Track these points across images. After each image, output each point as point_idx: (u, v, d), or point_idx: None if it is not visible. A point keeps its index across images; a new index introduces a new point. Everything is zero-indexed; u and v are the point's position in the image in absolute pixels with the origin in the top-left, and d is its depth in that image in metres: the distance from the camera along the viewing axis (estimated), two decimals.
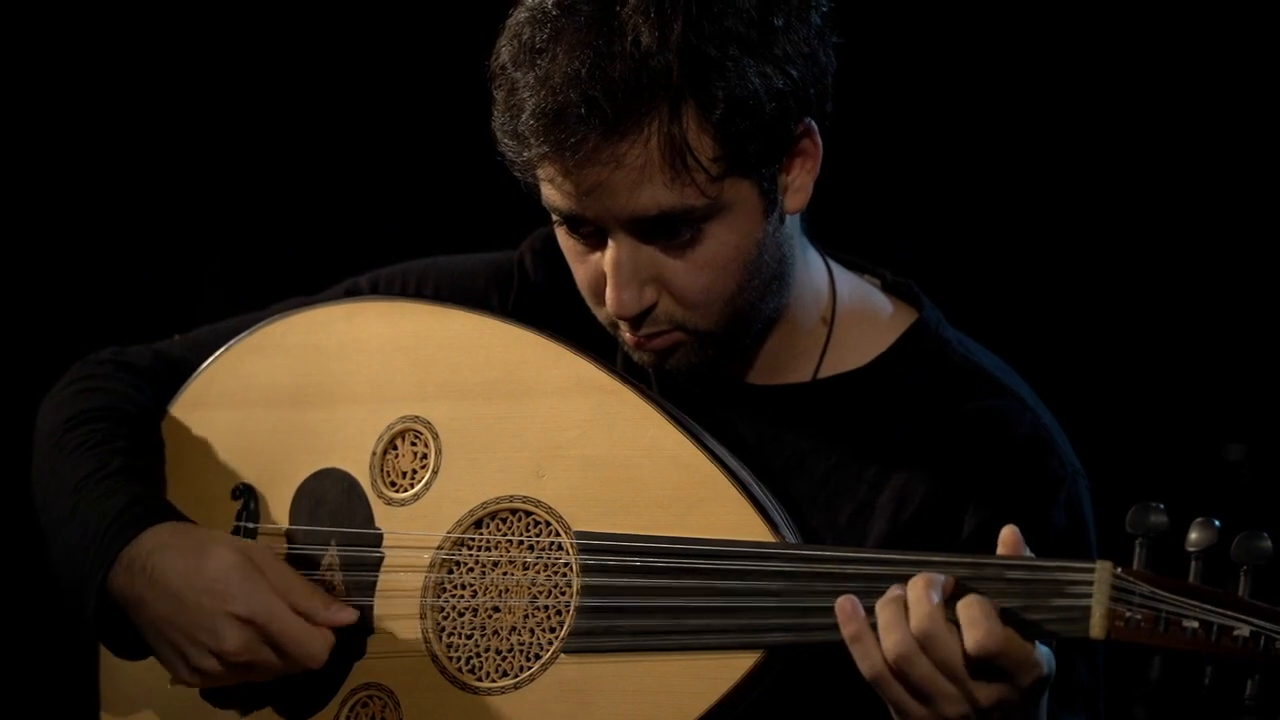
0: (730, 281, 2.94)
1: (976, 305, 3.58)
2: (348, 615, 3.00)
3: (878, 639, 2.68)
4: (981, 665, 2.63)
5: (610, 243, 2.93)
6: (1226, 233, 4.36)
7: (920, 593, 2.66)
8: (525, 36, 2.90)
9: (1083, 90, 4.41)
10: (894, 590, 2.69)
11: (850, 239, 3.23)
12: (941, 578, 2.67)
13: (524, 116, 2.88)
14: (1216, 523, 2.60)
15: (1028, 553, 2.69)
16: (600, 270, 2.95)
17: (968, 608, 2.64)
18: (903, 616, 2.66)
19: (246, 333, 3.19)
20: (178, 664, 3.00)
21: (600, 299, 2.97)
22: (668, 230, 2.91)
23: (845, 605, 2.71)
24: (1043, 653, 2.66)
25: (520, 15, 2.93)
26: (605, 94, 2.84)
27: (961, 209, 4.48)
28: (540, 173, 2.93)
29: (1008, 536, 2.69)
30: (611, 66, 2.84)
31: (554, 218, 2.98)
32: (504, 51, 2.93)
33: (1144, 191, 4.40)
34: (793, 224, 3.01)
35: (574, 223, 2.95)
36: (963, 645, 2.63)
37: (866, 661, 2.69)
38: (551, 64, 2.86)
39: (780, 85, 2.88)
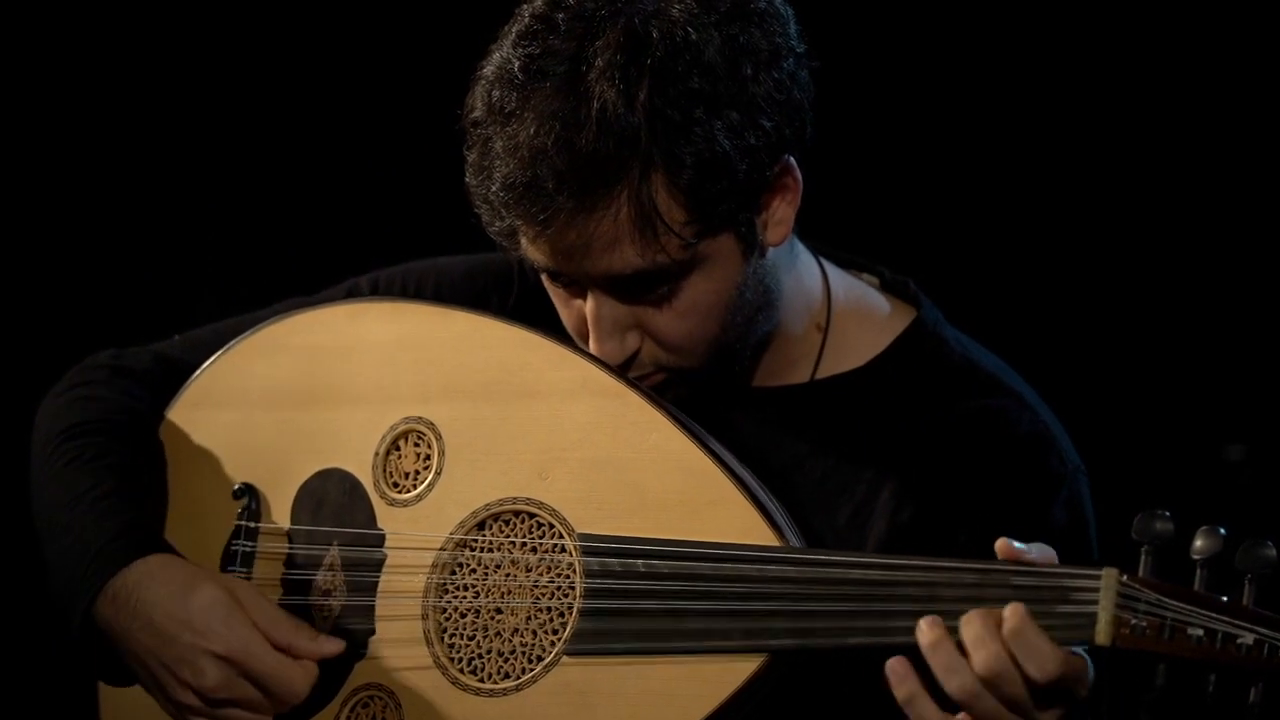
0: (713, 325, 2.95)
1: (976, 305, 3.57)
2: (333, 647, 3.00)
3: (930, 694, 2.66)
4: (1048, 691, 2.63)
5: (589, 296, 2.95)
6: (1226, 233, 4.36)
7: (980, 632, 2.63)
8: (495, 98, 2.89)
9: (1082, 90, 4.41)
10: (932, 631, 2.66)
11: (849, 238, 3.23)
12: (993, 611, 2.65)
13: (494, 187, 2.89)
14: (1221, 530, 2.60)
15: (1027, 557, 2.68)
16: (583, 315, 2.97)
17: (1024, 639, 2.61)
18: (960, 659, 2.64)
19: (248, 333, 3.19)
20: (158, 695, 3.02)
21: (586, 342, 2.99)
22: (645, 287, 2.92)
23: (897, 667, 2.68)
24: (1087, 660, 2.66)
25: (489, 72, 2.92)
26: (572, 167, 2.83)
27: (962, 208, 4.48)
28: (517, 233, 2.94)
29: (1002, 548, 2.69)
30: (578, 137, 2.83)
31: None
32: (476, 109, 2.92)
33: (1144, 191, 4.40)
34: (776, 248, 3.01)
35: (553, 274, 2.97)
36: (1026, 676, 2.62)
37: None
38: (520, 130, 2.86)
39: (753, 141, 2.87)
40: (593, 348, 2.97)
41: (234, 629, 2.97)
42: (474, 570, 2.98)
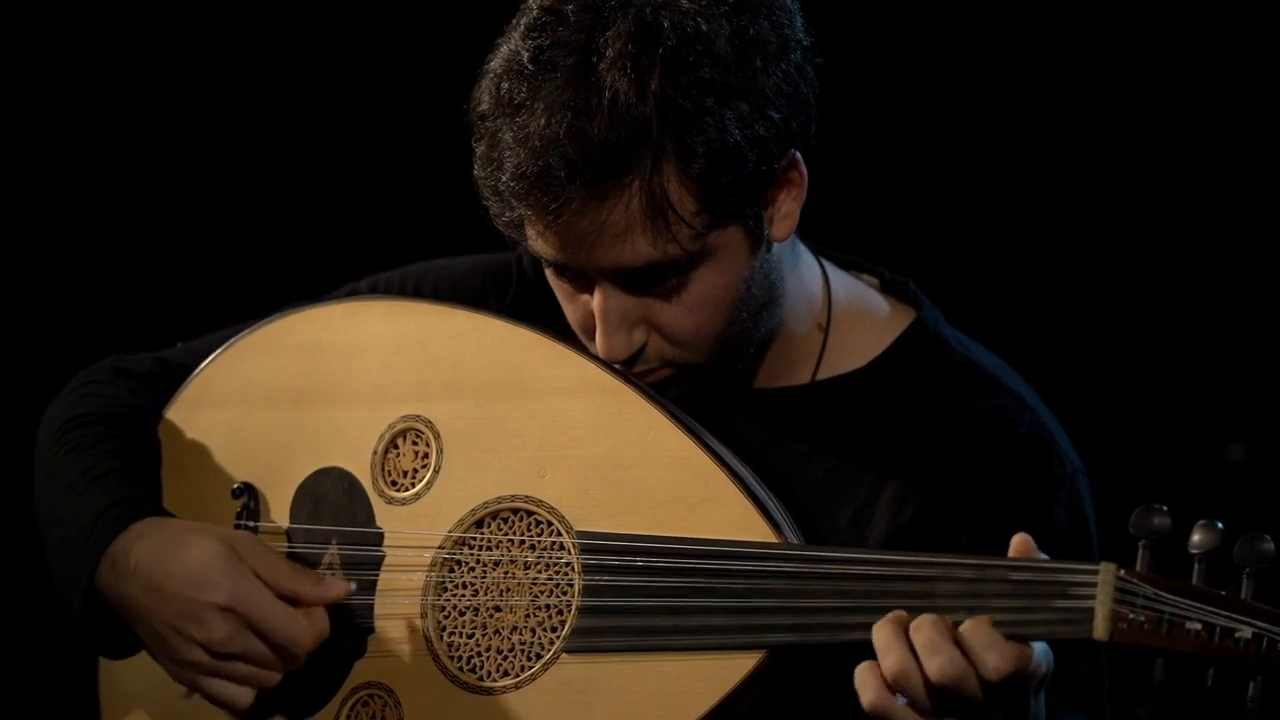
0: (720, 320, 2.95)
1: (976, 305, 3.57)
2: (338, 589, 2.98)
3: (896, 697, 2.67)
4: (1001, 687, 2.63)
5: (597, 290, 2.95)
6: (1226, 232, 4.36)
7: (932, 637, 2.64)
8: (504, 90, 2.89)
9: (1082, 90, 4.41)
10: (889, 637, 2.67)
11: (849, 238, 3.23)
12: (944, 618, 2.66)
13: (504, 177, 2.89)
14: (1219, 524, 2.60)
15: (1041, 556, 2.69)
16: (589, 311, 2.97)
17: (976, 635, 2.63)
18: (914, 664, 2.64)
19: (246, 331, 3.19)
20: (163, 659, 3.00)
21: (591, 338, 2.98)
22: (654, 278, 2.92)
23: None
24: (1039, 650, 2.66)
25: (497, 65, 2.92)
26: (584, 156, 2.83)
27: (961, 208, 4.48)
28: (525, 225, 2.94)
29: (1019, 544, 2.69)
30: (590, 126, 2.83)
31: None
32: (483, 101, 2.92)
33: (1144, 191, 4.41)
34: (781, 244, 3.01)
35: (560, 268, 2.97)
36: (979, 674, 2.62)
37: None
38: (530, 120, 2.86)
39: (762, 131, 2.87)
40: (599, 342, 2.97)
41: (234, 579, 2.95)
42: (473, 568, 2.98)
